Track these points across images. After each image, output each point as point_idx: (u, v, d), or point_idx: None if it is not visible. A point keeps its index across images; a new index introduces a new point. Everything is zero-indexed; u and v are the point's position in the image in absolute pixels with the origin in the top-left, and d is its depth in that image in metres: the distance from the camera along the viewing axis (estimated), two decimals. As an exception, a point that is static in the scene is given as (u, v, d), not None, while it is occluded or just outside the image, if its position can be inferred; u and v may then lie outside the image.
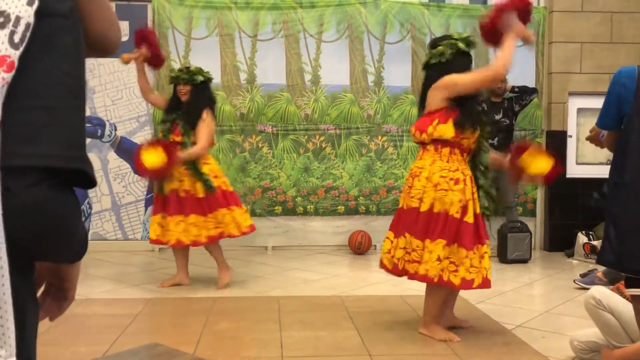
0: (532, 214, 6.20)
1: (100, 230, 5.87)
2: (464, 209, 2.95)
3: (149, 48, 4.05)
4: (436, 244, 2.94)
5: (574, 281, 4.39)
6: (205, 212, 4.07)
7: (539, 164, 3.03)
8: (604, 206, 2.05)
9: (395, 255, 3.12)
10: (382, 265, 3.22)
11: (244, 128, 5.86)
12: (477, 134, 3.05)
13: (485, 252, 3.02)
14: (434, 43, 3.21)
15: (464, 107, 2.99)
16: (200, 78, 4.13)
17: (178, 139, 4.08)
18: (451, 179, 2.97)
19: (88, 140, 5.84)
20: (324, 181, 6.00)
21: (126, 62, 4.09)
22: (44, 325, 3.39)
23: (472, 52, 3.21)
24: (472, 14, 6.05)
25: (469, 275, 2.95)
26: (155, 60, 4.15)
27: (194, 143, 4.05)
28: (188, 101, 4.13)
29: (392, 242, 3.15)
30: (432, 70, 3.12)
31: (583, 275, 4.42)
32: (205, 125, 4.08)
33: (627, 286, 1.98)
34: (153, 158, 3.78)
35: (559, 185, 6.10)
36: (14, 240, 0.88)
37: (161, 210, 4.16)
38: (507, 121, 5.73)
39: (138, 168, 3.92)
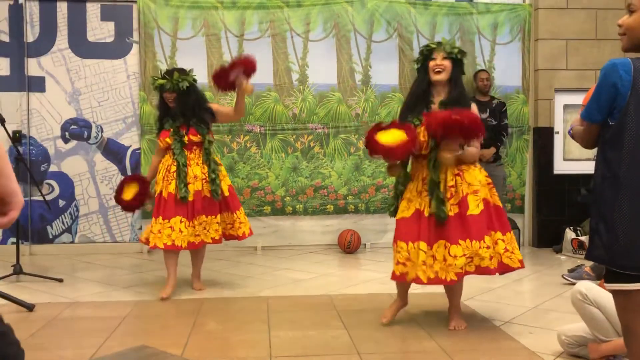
0: (520, 210, 6.23)
1: (87, 232, 5.83)
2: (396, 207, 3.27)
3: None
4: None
5: (562, 276, 4.42)
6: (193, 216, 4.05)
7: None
8: (591, 201, 2.03)
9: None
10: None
11: (232, 128, 5.84)
12: None
13: (422, 250, 3.04)
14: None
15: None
16: (185, 84, 4.02)
17: (196, 138, 4.02)
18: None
19: (74, 142, 5.80)
20: (313, 180, 5.99)
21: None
22: (30, 328, 3.37)
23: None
24: (458, 12, 6.08)
25: (399, 268, 3.11)
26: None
27: (210, 142, 4.12)
28: (183, 106, 4.02)
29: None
30: None
31: (571, 271, 4.45)
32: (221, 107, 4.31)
33: (608, 281, 1.98)
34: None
35: (547, 182, 6.15)
36: None
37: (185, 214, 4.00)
38: (494, 121, 5.76)
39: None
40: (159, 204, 4.01)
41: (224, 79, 3.92)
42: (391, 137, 2.99)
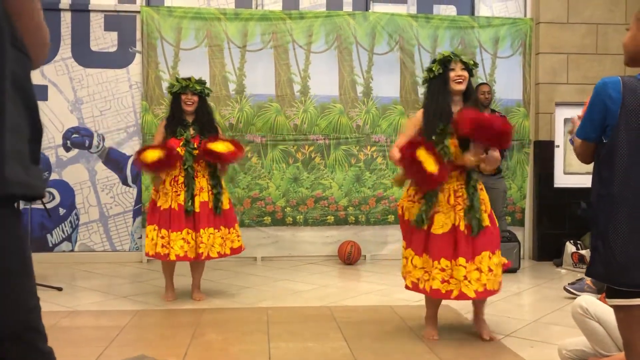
0: (521, 223, 6.23)
1: (87, 241, 5.83)
2: (431, 221, 3.10)
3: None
4: (406, 252, 3.21)
5: (564, 288, 4.40)
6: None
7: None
8: (590, 217, 2.04)
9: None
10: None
11: (233, 138, 5.84)
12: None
13: (461, 266, 3.02)
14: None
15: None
16: (207, 91, 4.18)
17: None
18: (418, 191, 3.16)
19: (76, 151, 5.82)
20: (314, 191, 6.00)
21: None
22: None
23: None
24: (460, 25, 6.11)
25: (444, 287, 3.04)
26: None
27: None
28: (200, 114, 4.09)
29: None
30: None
31: (572, 284, 4.43)
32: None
33: (609, 296, 1.99)
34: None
35: (547, 195, 6.15)
36: None
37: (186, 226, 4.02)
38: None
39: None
40: (168, 216, 4.01)
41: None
42: (429, 164, 2.96)
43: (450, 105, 3.16)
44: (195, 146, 4.02)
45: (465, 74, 3.17)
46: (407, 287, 3.22)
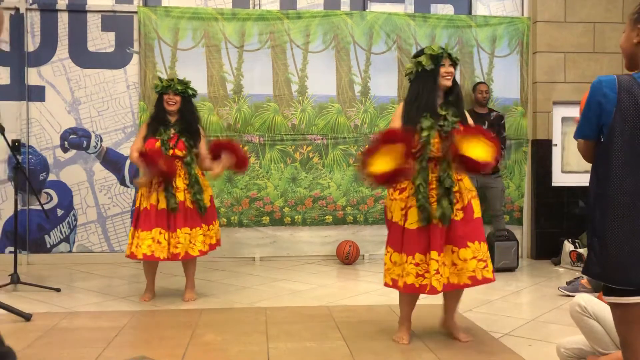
0: (519, 222, 6.23)
1: (85, 242, 5.82)
2: (406, 216, 3.08)
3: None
4: (387, 250, 3.17)
5: (559, 289, 4.42)
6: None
7: (476, 150, 2.98)
8: (587, 215, 2.06)
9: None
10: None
11: (231, 138, 5.84)
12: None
13: (433, 259, 2.99)
14: (413, 56, 3.31)
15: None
16: (190, 91, 4.17)
17: (181, 153, 4.05)
18: (397, 188, 3.12)
19: (73, 152, 5.81)
20: (312, 191, 6.00)
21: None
22: (27, 338, 3.34)
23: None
24: (457, 24, 6.11)
25: (418, 281, 3.01)
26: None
27: (192, 158, 4.10)
28: (184, 114, 4.11)
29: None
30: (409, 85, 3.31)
31: (568, 283, 4.44)
32: (206, 142, 4.24)
33: (606, 294, 2.00)
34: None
35: (545, 194, 6.16)
36: None
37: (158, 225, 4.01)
38: (493, 134, 5.78)
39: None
40: (140, 216, 4.03)
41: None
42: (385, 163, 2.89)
43: (436, 101, 3.16)
44: (172, 146, 4.03)
45: (452, 70, 3.18)
46: (386, 284, 3.16)
